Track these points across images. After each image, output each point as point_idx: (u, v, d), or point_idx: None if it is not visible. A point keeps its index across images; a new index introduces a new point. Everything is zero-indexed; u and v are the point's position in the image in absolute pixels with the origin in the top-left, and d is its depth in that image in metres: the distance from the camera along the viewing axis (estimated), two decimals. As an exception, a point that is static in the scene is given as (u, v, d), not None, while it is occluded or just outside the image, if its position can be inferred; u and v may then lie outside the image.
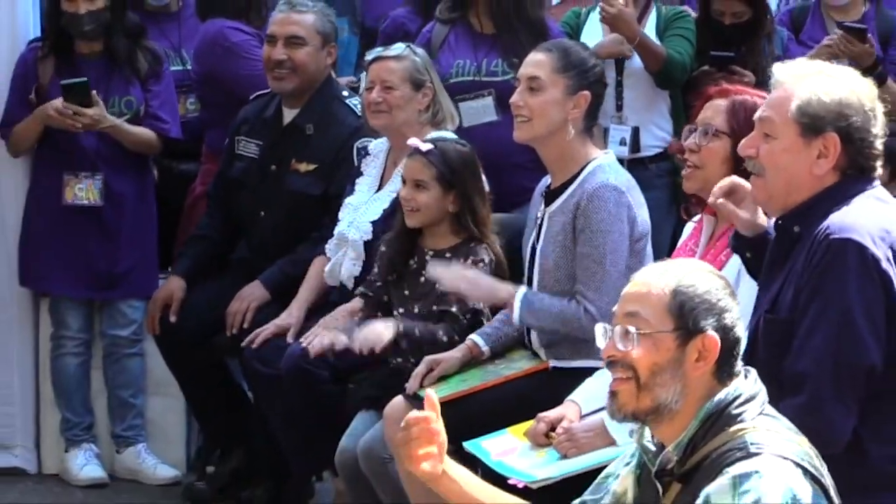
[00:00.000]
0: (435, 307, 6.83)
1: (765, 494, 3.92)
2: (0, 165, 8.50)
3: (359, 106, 7.68)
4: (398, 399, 6.43)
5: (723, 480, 3.96)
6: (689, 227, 6.13)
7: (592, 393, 5.80)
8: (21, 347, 8.48)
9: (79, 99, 7.96)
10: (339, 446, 6.81)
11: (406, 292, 6.89)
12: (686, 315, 4.12)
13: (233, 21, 8.41)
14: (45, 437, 8.50)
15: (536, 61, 6.42)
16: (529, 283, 6.52)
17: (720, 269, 5.64)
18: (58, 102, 8.03)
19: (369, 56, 7.52)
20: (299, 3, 7.88)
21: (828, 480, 4.08)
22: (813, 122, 4.85)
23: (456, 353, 6.52)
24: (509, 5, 7.96)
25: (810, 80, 4.96)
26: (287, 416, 7.24)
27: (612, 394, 4.22)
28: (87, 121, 8.06)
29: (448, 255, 6.83)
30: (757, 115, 5.06)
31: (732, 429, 4.06)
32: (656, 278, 4.22)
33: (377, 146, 7.34)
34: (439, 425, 4.22)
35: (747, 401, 4.12)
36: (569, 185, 6.32)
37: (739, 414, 4.08)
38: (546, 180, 6.46)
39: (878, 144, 4.95)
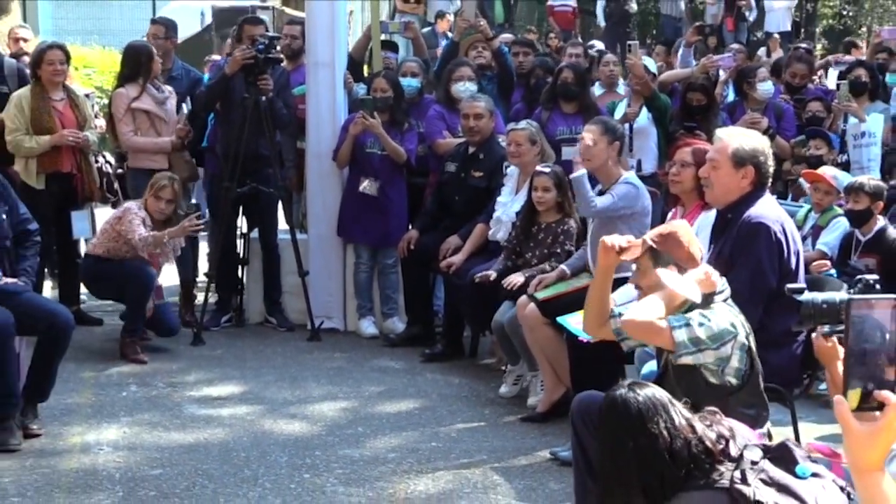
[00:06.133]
0: (546, 251, 6.80)
1: (722, 317, 4.06)
2: (330, 173, 8.45)
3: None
4: (524, 297, 6.50)
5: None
6: (669, 214, 6.06)
7: (623, 294, 5.70)
8: (336, 268, 8.51)
9: (367, 111, 7.98)
10: (494, 318, 6.83)
11: (531, 244, 6.88)
12: (659, 259, 4.21)
13: (439, 104, 8.43)
14: (348, 312, 8.50)
15: (591, 129, 6.45)
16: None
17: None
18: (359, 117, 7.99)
19: (508, 128, 7.50)
20: (476, 96, 7.90)
21: (753, 341, 4.17)
22: (741, 160, 4.96)
23: (553, 274, 6.57)
24: (587, 99, 8.17)
25: (737, 137, 5.07)
26: (468, 304, 7.32)
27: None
28: (368, 124, 7.96)
29: (553, 224, 6.84)
30: (707, 155, 5.18)
31: (708, 308, 4.12)
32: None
33: (513, 170, 7.33)
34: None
35: (720, 293, 4.19)
36: (610, 189, 6.38)
37: (713, 300, 4.15)
38: (599, 186, 6.49)
39: (771, 170, 5.06)
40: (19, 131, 7.87)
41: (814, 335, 3.77)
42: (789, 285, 4.12)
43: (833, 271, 6.82)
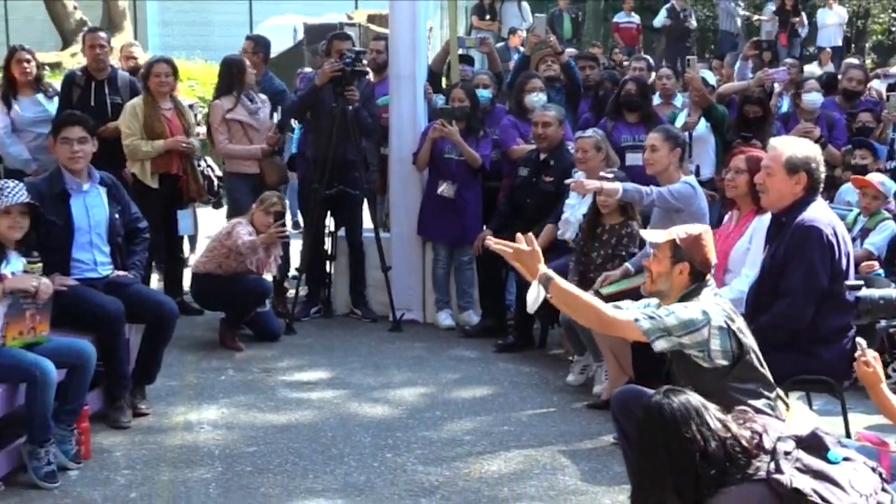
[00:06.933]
0: (610, 251, 6.72)
1: (693, 308, 4.00)
2: (411, 176, 8.42)
3: (576, 152, 7.60)
4: (590, 292, 6.52)
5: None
6: (726, 217, 6.04)
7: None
8: (416, 264, 8.50)
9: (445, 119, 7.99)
10: (562, 312, 6.82)
11: (596, 244, 6.79)
12: (678, 254, 4.15)
13: (511, 114, 8.44)
14: (427, 305, 8.50)
15: (654, 136, 6.45)
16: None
17: (738, 237, 5.71)
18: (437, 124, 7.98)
19: (576, 135, 7.46)
20: (547, 106, 7.86)
21: (737, 324, 4.05)
22: (794, 167, 4.90)
23: (617, 271, 6.51)
24: (649, 109, 8.10)
25: (790, 146, 4.99)
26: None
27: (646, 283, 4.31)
28: (446, 132, 7.97)
29: (616, 226, 6.75)
30: (763, 163, 5.10)
31: (696, 297, 4.11)
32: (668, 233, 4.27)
33: (580, 175, 7.15)
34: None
35: (708, 287, 4.17)
36: None
37: (701, 292, 4.13)
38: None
39: (822, 177, 4.97)
40: (135, 136, 7.99)
41: (855, 364, 3.72)
42: (848, 282, 4.06)
43: (881, 271, 6.73)
